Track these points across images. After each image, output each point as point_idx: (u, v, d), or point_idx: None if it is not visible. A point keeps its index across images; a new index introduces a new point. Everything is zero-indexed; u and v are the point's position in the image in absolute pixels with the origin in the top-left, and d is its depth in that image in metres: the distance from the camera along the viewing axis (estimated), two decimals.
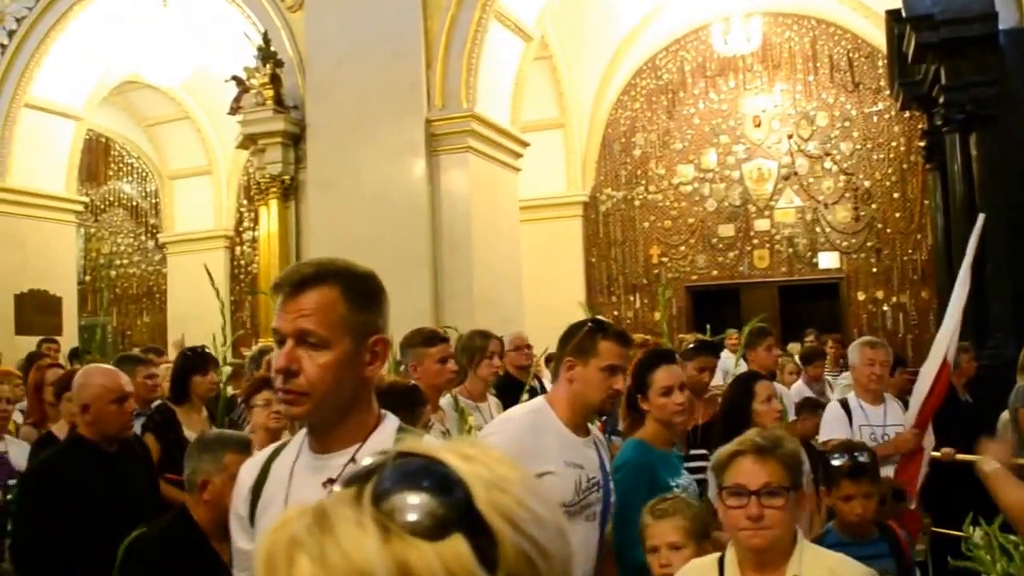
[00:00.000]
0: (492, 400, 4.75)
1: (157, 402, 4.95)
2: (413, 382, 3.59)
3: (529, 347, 5.81)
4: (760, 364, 5.34)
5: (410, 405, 3.20)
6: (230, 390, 5.51)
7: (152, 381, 4.96)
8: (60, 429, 4.39)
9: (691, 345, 4.84)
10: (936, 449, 5.55)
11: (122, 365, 4.37)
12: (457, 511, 0.64)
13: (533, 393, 4.65)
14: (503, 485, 0.68)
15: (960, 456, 5.58)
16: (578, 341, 2.81)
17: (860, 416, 4.77)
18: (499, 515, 0.65)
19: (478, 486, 0.67)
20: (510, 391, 5.05)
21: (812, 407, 5.69)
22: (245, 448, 2.87)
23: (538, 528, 0.67)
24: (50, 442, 4.26)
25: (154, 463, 4.14)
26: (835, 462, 3.32)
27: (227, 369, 6.88)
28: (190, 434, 4.39)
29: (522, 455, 2.59)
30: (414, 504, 0.64)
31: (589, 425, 2.94)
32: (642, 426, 3.34)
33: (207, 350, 5.24)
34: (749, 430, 2.35)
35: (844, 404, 4.90)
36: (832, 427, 4.74)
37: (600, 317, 3.10)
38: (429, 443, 0.72)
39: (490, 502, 0.66)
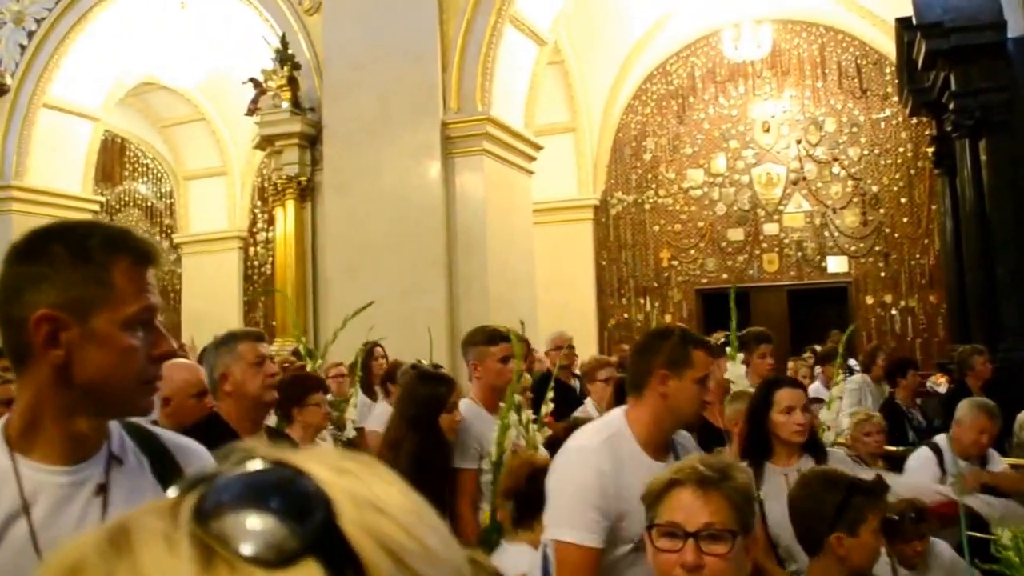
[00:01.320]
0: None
1: None
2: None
3: (571, 347, 5.60)
4: (754, 373, 4.90)
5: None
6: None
7: None
8: None
9: (721, 341, 4.61)
10: None
11: None
12: (312, 537, 0.49)
13: (564, 391, 4.58)
14: (382, 506, 0.53)
15: None
16: (670, 352, 2.57)
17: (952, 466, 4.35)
18: (374, 541, 0.51)
19: (347, 503, 0.52)
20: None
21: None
22: (259, 337, 3.06)
23: (430, 566, 0.53)
24: None
25: None
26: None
27: None
28: None
29: (604, 494, 2.42)
30: (255, 530, 0.49)
31: (680, 437, 2.73)
32: None
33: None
34: (691, 455, 1.93)
35: (936, 449, 4.58)
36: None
37: (682, 325, 2.94)
38: (292, 451, 0.56)
39: (362, 524, 0.51)
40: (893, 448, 5.57)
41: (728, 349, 4.49)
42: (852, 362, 8.42)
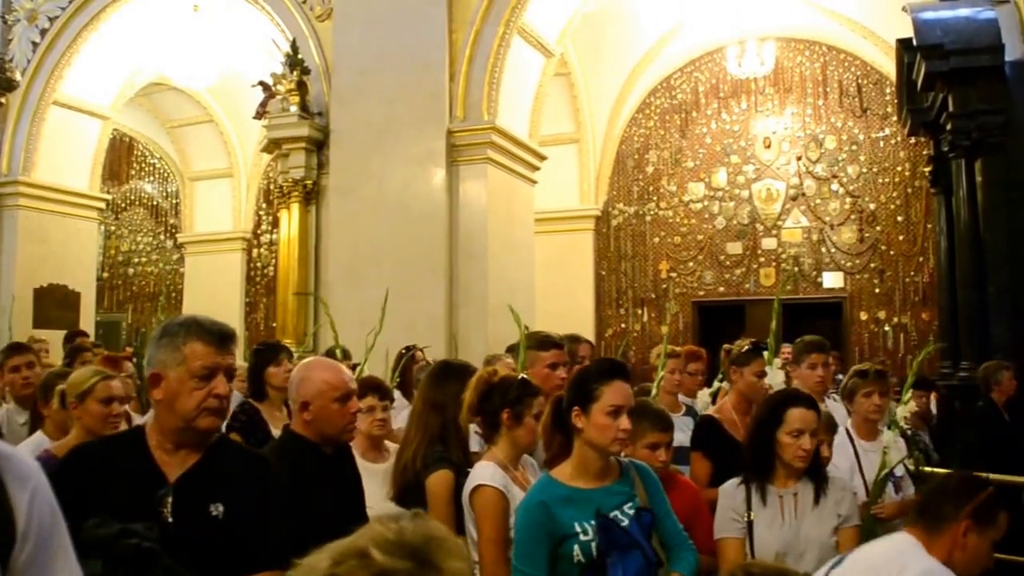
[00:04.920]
0: None
1: (239, 399, 4.64)
2: (523, 375, 3.45)
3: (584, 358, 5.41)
4: (802, 384, 4.48)
5: (517, 399, 3.14)
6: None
7: None
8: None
9: (745, 348, 4.35)
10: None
11: None
12: None
13: None
14: None
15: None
16: (982, 505, 2.46)
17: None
18: None
19: None
20: None
21: None
22: (221, 340, 2.26)
23: None
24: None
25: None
26: None
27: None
28: (277, 433, 3.95)
29: None
30: None
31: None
32: (566, 454, 2.85)
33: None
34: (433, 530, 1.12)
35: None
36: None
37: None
38: None
39: None
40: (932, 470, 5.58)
41: (765, 354, 4.26)
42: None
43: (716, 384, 5.96)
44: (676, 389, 5.34)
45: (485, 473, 3.04)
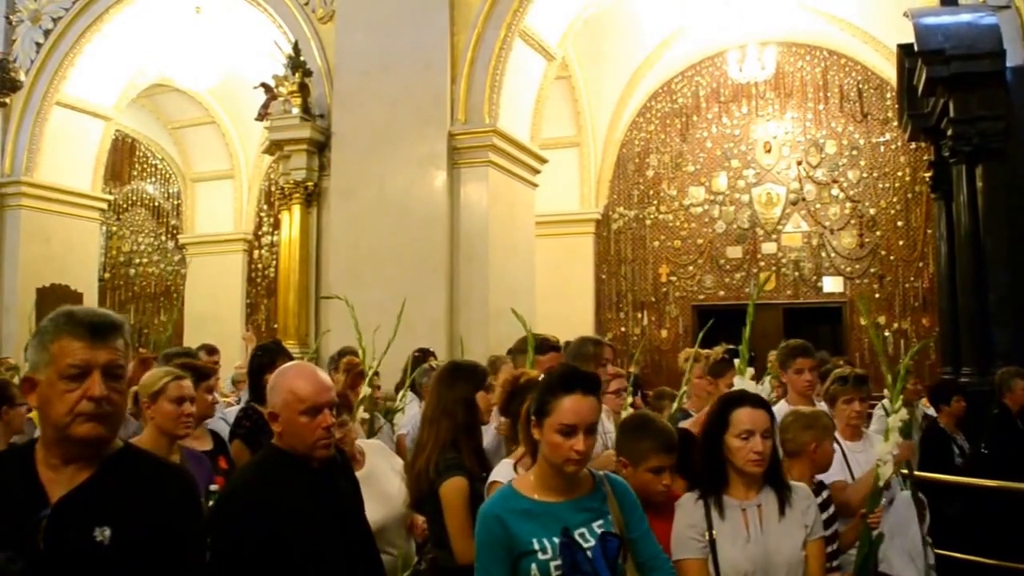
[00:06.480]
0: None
1: (244, 403, 4.54)
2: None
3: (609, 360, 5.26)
4: (792, 389, 4.51)
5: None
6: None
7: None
8: None
9: (722, 357, 4.28)
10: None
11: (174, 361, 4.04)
12: None
13: None
14: None
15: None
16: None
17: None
18: None
19: None
20: None
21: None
22: (94, 332, 1.89)
23: None
24: None
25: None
26: None
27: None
28: None
29: None
30: None
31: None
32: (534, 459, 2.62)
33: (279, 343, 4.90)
34: None
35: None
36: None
37: None
38: None
39: None
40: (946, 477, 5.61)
41: (737, 362, 4.12)
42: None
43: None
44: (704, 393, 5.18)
45: (503, 471, 3.08)
